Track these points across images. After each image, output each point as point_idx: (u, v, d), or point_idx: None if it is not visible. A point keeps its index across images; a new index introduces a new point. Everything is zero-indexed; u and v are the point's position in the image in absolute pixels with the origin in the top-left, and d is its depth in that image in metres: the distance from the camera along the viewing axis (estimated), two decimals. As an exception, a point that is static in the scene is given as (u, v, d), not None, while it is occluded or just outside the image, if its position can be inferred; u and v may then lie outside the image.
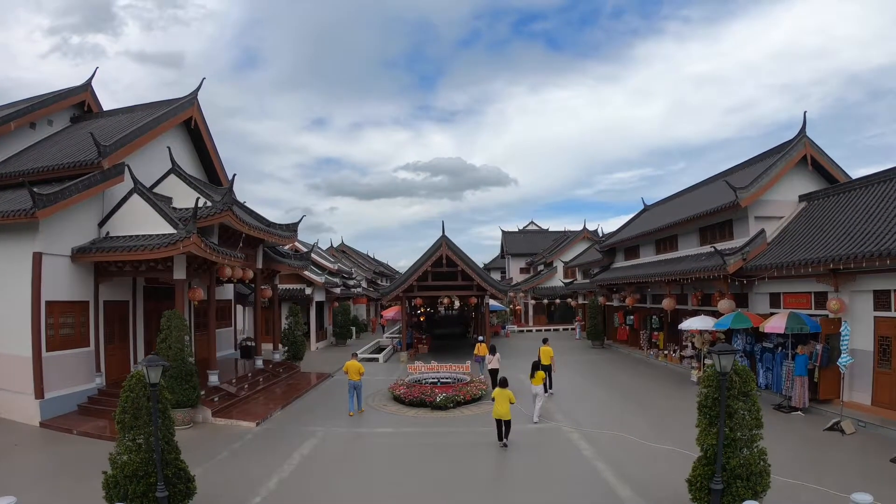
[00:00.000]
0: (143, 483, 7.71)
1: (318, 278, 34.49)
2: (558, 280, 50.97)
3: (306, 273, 34.16)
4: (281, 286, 33.32)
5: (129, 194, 17.75)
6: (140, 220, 17.29)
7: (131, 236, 16.96)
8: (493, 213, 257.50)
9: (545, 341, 20.06)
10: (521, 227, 72.36)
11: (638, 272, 27.89)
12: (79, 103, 24.01)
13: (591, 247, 46.16)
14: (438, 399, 16.67)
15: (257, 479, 10.74)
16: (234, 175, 20.23)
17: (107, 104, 25.96)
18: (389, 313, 38.50)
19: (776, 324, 16.22)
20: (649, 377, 22.79)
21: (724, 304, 19.85)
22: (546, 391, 17.63)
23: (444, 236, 27.84)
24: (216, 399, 17.16)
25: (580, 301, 44.84)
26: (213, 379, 18.23)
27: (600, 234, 44.44)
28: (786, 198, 21.50)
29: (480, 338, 25.76)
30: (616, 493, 9.78)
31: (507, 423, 12.92)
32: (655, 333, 28.91)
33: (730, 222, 22.62)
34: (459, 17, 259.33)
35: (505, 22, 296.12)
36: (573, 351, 32.72)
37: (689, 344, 24.34)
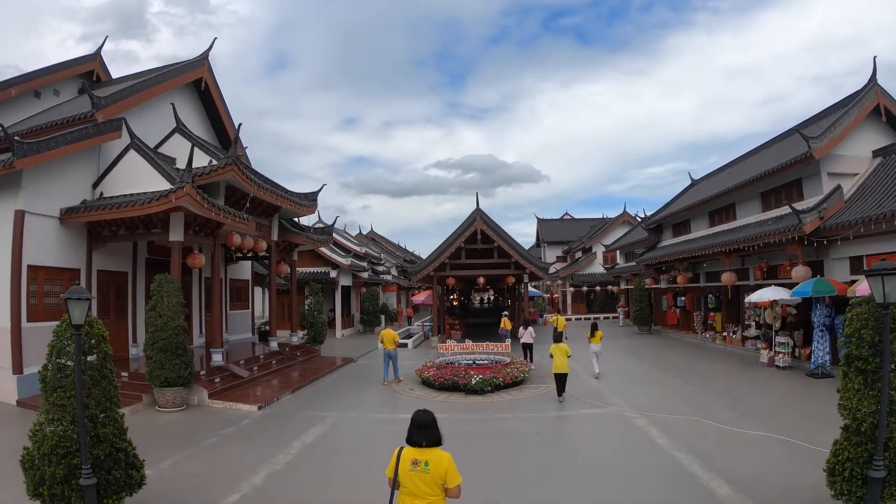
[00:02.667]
0: (65, 464, 5.55)
1: (343, 260, 32.47)
2: (598, 266, 48.21)
3: (326, 251, 32.29)
4: (304, 269, 31.58)
5: (126, 151, 16.01)
6: (137, 179, 15.38)
7: (125, 195, 15.02)
8: (526, 209, 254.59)
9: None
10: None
11: (691, 247, 25.08)
12: (87, 73, 22.49)
13: (632, 230, 43.23)
14: (474, 382, 14.33)
15: (243, 471, 8.55)
16: (240, 124, 18.13)
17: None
18: (420, 297, 36.34)
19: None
20: (709, 360, 20.11)
21: (798, 272, 17.13)
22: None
23: (478, 209, 25.46)
24: (218, 380, 15.16)
25: (622, 287, 41.99)
26: (217, 358, 16.29)
27: (643, 215, 41.53)
28: (859, 153, 19.01)
29: (505, 312, 23.64)
30: (711, 490, 7.33)
31: (565, 376, 13.58)
32: (712, 314, 26.13)
33: (798, 182, 19.84)
34: (488, 14, 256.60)
35: (534, 18, 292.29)
36: (619, 337, 30.05)
37: (753, 323, 21.58)
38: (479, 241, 25.43)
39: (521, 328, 20.24)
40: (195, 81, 21.45)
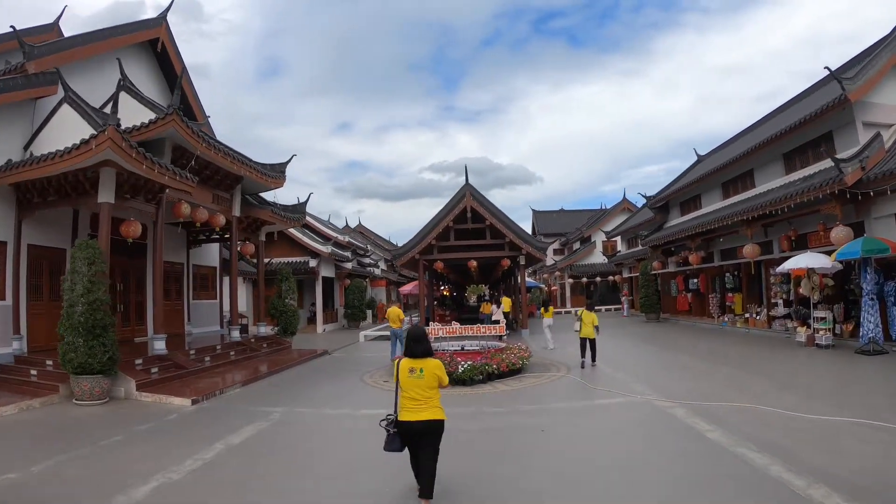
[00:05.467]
0: None
1: (323, 248, 29.79)
2: (598, 256, 45.71)
3: (301, 237, 29.77)
4: (281, 259, 29.08)
5: (59, 105, 13.52)
6: (71, 135, 12.61)
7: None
8: (521, 211, 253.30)
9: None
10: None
11: (706, 220, 22.53)
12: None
13: (633, 215, 40.75)
14: (461, 370, 11.66)
15: (130, 478, 6.02)
16: (183, 72, 15.50)
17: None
18: (407, 288, 33.64)
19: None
20: (735, 343, 17.53)
21: (840, 234, 14.67)
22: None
23: (467, 185, 22.79)
24: (155, 370, 12.54)
25: (625, 275, 39.42)
26: (159, 346, 13.70)
27: (645, 198, 39.05)
28: (894, 101, 16.52)
29: (486, 297, 21.24)
30: (817, 502, 4.70)
31: (593, 342, 13.86)
32: (730, 295, 23.57)
33: (828, 136, 17.45)
34: (480, 17, 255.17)
35: (525, 21, 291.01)
36: (626, 325, 27.45)
37: (780, 301, 19.03)
38: (469, 220, 22.78)
39: (493, 306, 18.21)
40: (152, 42, 18.85)
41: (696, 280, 26.53)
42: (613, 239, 43.51)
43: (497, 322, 17.72)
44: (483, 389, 11.11)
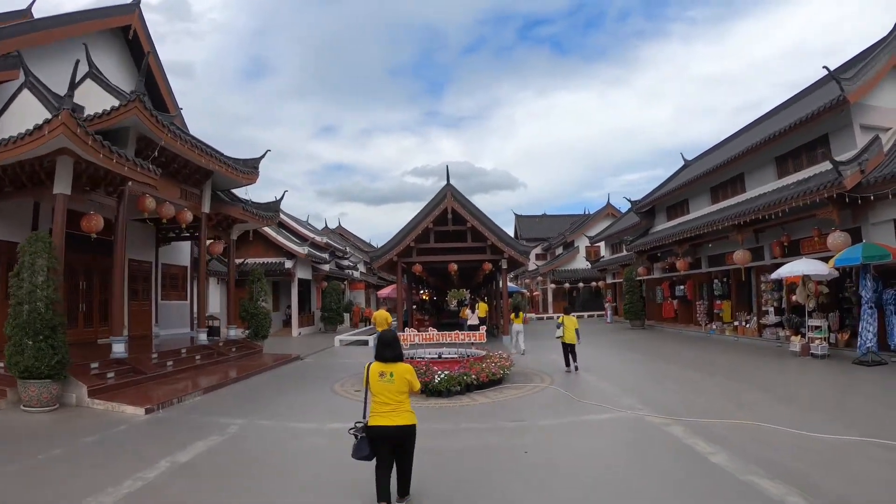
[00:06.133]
0: None
1: (300, 248, 28.80)
2: (581, 262, 45.25)
3: (276, 236, 28.84)
4: (256, 259, 28.11)
5: (19, 90, 12.69)
6: (30, 122, 11.69)
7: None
8: (504, 216, 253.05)
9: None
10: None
11: (695, 224, 21.97)
12: None
13: (617, 221, 40.28)
14: (437, 380, 10.85)
15: (57, 502, 5.10)
16: (149, 54, 14.62)
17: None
18: (385, 291, 32.73)
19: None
20: (726, 353, 16.89)
21: (836, 239, 14.18)
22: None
23: (448, 185, 22.04)
24: (111, 375, 11.69)
25: (609, 281, 38.89)
26: (118, 348, 12.80)
27: (629, 203, 38.59)
28: (893, 104, 16.14)
29: (465, 301, 20.63)
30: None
31: (573, 346, 13.75)
32: (718, 302, 23.03)
33: (824, 139, 16.95)
34: (465, 22, 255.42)
35: (510, 27, 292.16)
36: (609, 333, 26.81)
37: (772, 308, 18.49)
38: (450, 222, 22.01)
39: (468, 310, 17.57)
40: (125, 30, 17.96)
41: (682, 287, 25.99)
42: (597, 244, 43.05)
43: (476, 328, 17.00)
44: (461, 402, 10.31)
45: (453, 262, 22.53)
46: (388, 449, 4.84)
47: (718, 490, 5.31)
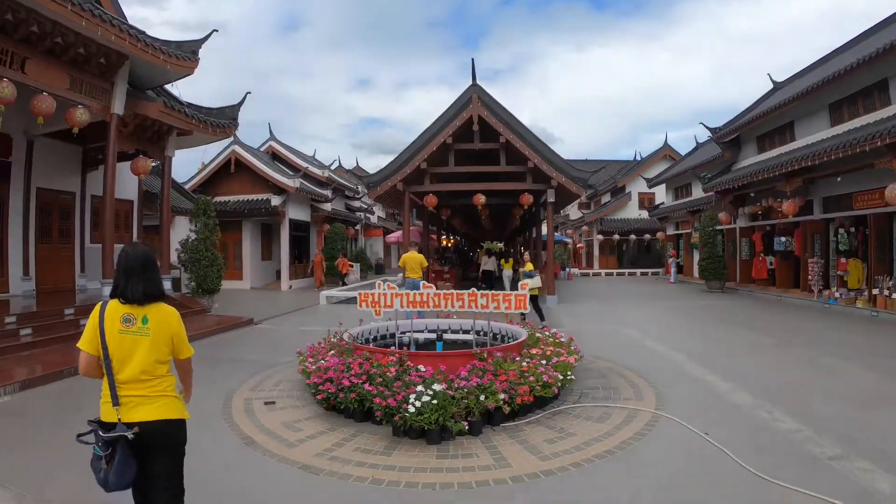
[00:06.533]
0: None
1: (289, 181, 22.96)
2: (633, 211, 38.65)
3: (256, 163, 23.29)
4: (234, 197, 22.73)
5: None
6: None
7: None
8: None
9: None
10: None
11: (812, 152, 15.44)
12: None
13: (676, 164, 33.48)
14: (416, 403, 4.96)
15: None
16: None
17: None
18: (393, 237, 26.82)
19: None
20: (867, 333, 11.00)
21: None
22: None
23: (474, 85, 15.77)
24: None
25: (671, 232, 32.34)
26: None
27: (697, 140, 31.82)
28: None
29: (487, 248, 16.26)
30: None
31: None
32: (843, 262, 16.49)
33: None
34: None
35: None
36: (681, 297, 20.51)
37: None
38: (476, 138, 15.82)
39: (484, 256, 17.14)
40: None
41: (784, 238, 19.43)
42: (652, 191, 36.45)
43: (489, 278, 14.64)
44: (464, 463, 4.53)
45: (481, 190, 16.39)
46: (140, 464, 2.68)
47: None
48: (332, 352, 6.61)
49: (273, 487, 4.08)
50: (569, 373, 6.20)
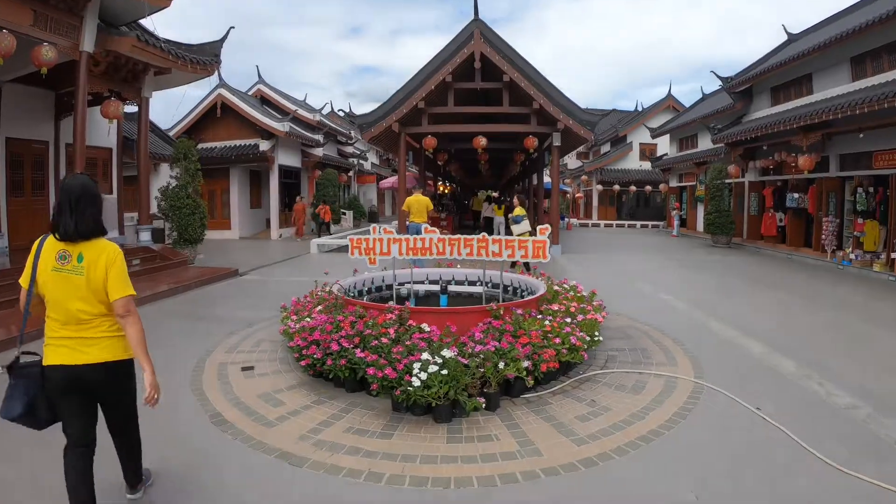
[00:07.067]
0: None
1: (278, 125, 21.70)
2: (633, 161, 37.60)
3: (242, 106, 22.00)
4: (220, 143, 21.54)
5: None
6: None
7: None
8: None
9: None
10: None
11: (833, 105, 14.40)
12: None
13: (679, 115, 32.19)
14: (419, 374, 4.11)
15: None
16: None
17: None
18: (388, 183, 25.75)
19: None
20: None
21: None
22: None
23: (476, 20, 14.51)
24: None
25: (674, 184, 31.37)
26: None
27: (704, 90, 30.53)
28: None
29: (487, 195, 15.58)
30: None
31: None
32: (859, 221, 15.65)
33: None
34: None
35: None
36: (688, 251, 19.68)
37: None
38: (478, 77, 14.65)
39: (485, 203, 16.62)
40: None
41: (797, 195, 18.52)
42: (655, 141, 35.32)
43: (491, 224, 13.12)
44: (484, 449, 3.75)
45: (482, 133, 15.32)
46: (78, 406, 2.66)
47: None
48: (320, 307, 5.73)
49: (242, 489, 3.24)
50: (596, 333, 5.35)
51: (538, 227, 5.78)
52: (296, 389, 4.82)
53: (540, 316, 5.30)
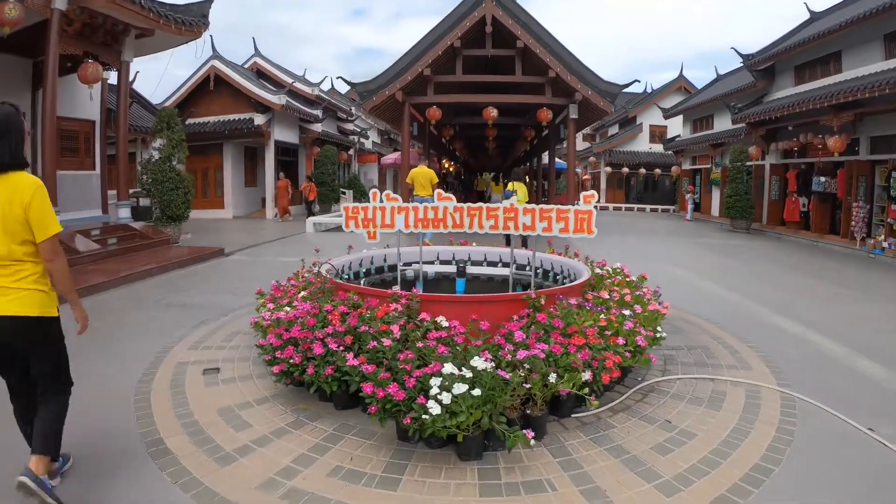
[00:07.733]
0: None
1: (274, 98, 20.51)
2: (643, 143, 36.40)
3: (237, 79, 20.89)
4: (212, 117, 20.57)
5: None
6: None
7: None
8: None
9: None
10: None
11: (867, 83, 13.26)
12: None
13: (692, 96, 30.91)
14: (438, 397, 2.89)
15: None
16: None
17: None
18: (390, 159, 24.56)
19: None
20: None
21: None
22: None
23: (488, -21, 13.25)
24: None
25: (687, 167, 30.16)
26: None
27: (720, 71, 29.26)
28: None
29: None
30: None
31: None
32: (893, 208, 14.56)
33: None
34: None
35: None
36: (707, 235, 18.58)
37: None
38: (488, 43, 13.46)
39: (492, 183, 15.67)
40: None
41: (825, 179, 17.38)
42: (665, 123, 34.15)
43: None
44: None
45: (492, 103, 14.17)
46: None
47: None
48: (303, 293, 4.58)
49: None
50: (659, 329, 4.24)
51: (582, 195, 4.61)
52: (268, 403, 3.74)
53: (589, 307, 4.17)
